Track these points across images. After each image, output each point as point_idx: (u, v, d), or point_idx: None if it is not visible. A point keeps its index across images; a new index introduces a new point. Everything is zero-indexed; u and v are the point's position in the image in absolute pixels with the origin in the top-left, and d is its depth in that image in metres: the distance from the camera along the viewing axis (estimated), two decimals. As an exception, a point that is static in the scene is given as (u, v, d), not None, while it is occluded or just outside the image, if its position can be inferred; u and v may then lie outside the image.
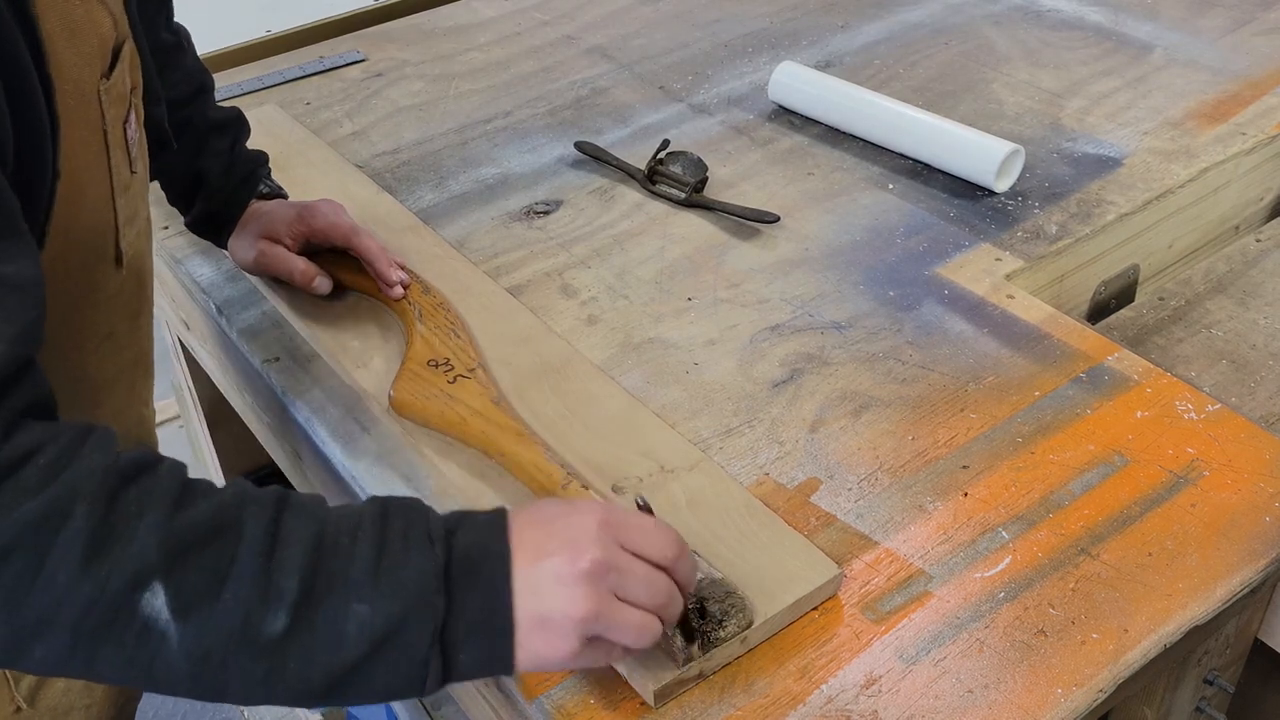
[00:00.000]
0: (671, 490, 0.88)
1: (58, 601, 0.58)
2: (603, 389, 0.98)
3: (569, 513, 0.69)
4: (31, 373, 0.64)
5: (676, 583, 0.71)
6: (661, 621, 0.69)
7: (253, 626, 0.60)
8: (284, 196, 1.13)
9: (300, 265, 1.07)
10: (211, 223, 1.10)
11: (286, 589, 0.61)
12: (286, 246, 1.07)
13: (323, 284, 1.07)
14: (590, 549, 0.66)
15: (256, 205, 1.10)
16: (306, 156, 1.32)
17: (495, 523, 0.67)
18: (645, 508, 0.75)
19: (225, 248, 1.12)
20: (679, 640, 0.75)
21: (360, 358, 1.03)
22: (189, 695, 0.63)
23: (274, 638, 0.60)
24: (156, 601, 0.59)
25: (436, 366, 0.98)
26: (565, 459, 0.89)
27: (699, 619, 0.76)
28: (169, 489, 0.62)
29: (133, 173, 0.84)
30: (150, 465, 0.63)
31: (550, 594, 0.65)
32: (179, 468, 0.65)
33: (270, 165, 1.14)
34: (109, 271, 0.84)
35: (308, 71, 1.53)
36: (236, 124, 1.11)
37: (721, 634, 0.76)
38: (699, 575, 0.79)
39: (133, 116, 0.83)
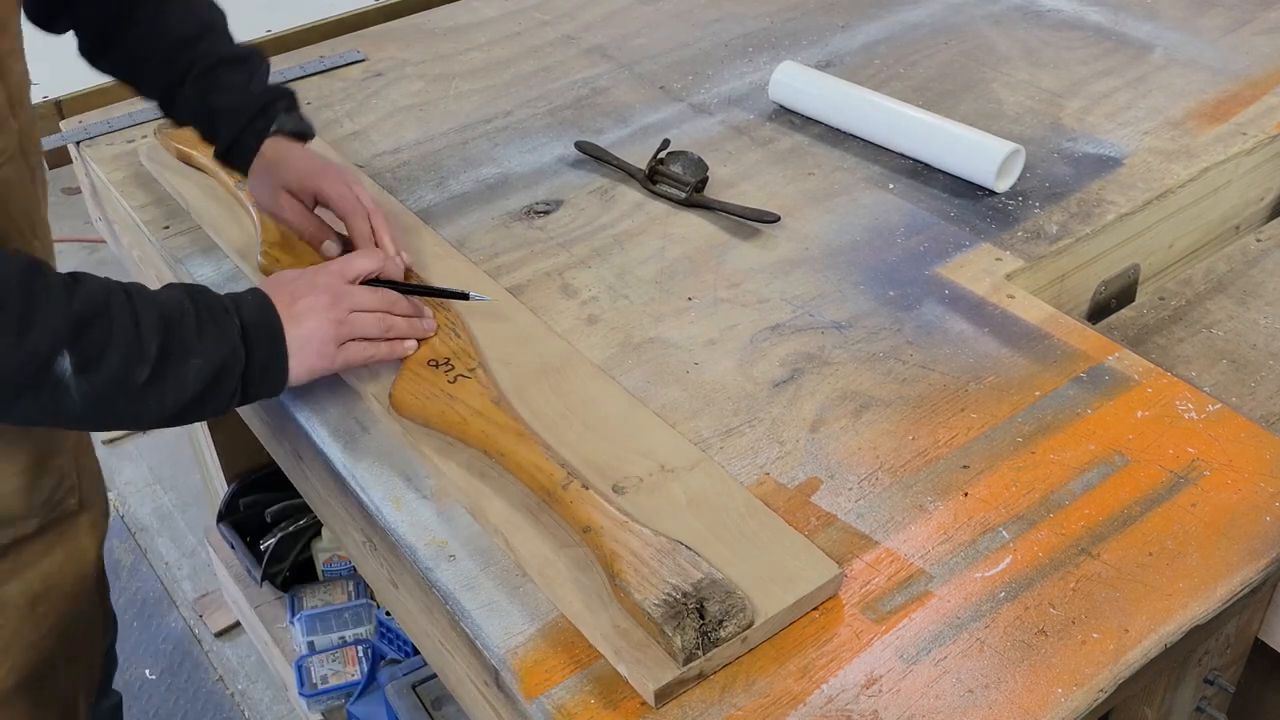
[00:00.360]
0: (672, 490, 0.88)
1: None
2: (603, 389, 0.98)
3: (305, 273, 0.97)
4: None
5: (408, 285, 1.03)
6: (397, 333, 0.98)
7: (128, 378, 0.84)
8: (308, 134, 1.13)
9: (312, 228, 1.10)
10: (230, 156, 1.12)
11: (149, 351, 0.84)
12: (304, 202, 1.09)
13: (330, 248, 1.09)
14: (325, 284, 0.96)
15: (281, 146, 1.10)
16: (306, 156, 1.31)
17: (260, 294, 0.94)
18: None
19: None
20: (679, 640, 0.75)
21: (360, 357, 1.03)
22: (77, 429, 1.02)
23: (141, 384, 0.84)
24: (64, 363, 0.81)
25: (437, 366, 0.98)
26: (565, 459, 0.89)
27: (699, 619, 0.76)
28: (59, 279, 0.83)
29: None
30: (37, 264, 0.82)
31: (306, 323, 0.93)
32: (46, 262, 0.86)
33: (294, 101, 1.14)
34: None
35: (308, 71, 1.53)
36: (252, 60, 1.11)
37: (721, 634, 0.76)
38: (699, 575, 0.79)
39: None
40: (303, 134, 1.12)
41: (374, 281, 1.01)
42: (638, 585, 0.78)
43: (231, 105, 1.09)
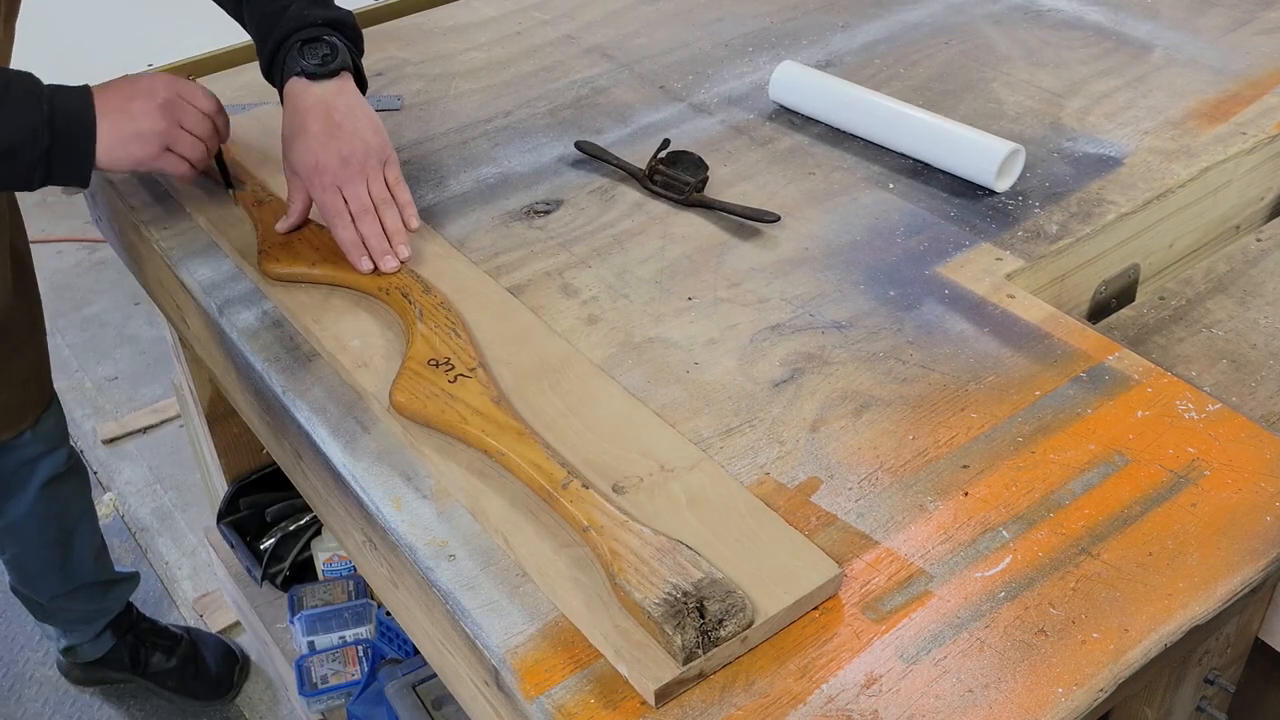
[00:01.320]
0: (672, 490, 0.88)
1: None
2: (603, 388, 0.98)
3: (142, 78, 1.09)
4: None
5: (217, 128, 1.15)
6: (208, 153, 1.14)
7: None
8: (331, 72, 1.13)
9: (294, 218, 1.16)
10: (272, 81, 1.18)
11: None
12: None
13: (281, 224, 1.16)
14: (165, 91, 1.09)
15: (294, 100, 1.13)
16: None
17: (85, 89, 1.06)
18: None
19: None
20: (679, 639, 0.75)
21: (360, 357, 1.03)
22: None
23: None
24: None
25: (437, 366, 0.98)
26: (565, 458, 0.89)
27: (699, 618, 0.76)
28: None
29: None
30: None
31: (137, 118, 1.06)
32: None
33: (344, 31, 1.15)
34: None
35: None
36: None
37: (721, 633, 0.76)
38: (699, 575, 0.79)
39: None
40: (314, 74, 1.13)
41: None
42: (638, 584, 0.78)
43: (263, 30, 1.14)
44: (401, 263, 1.11)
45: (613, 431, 0.94)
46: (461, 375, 0.97)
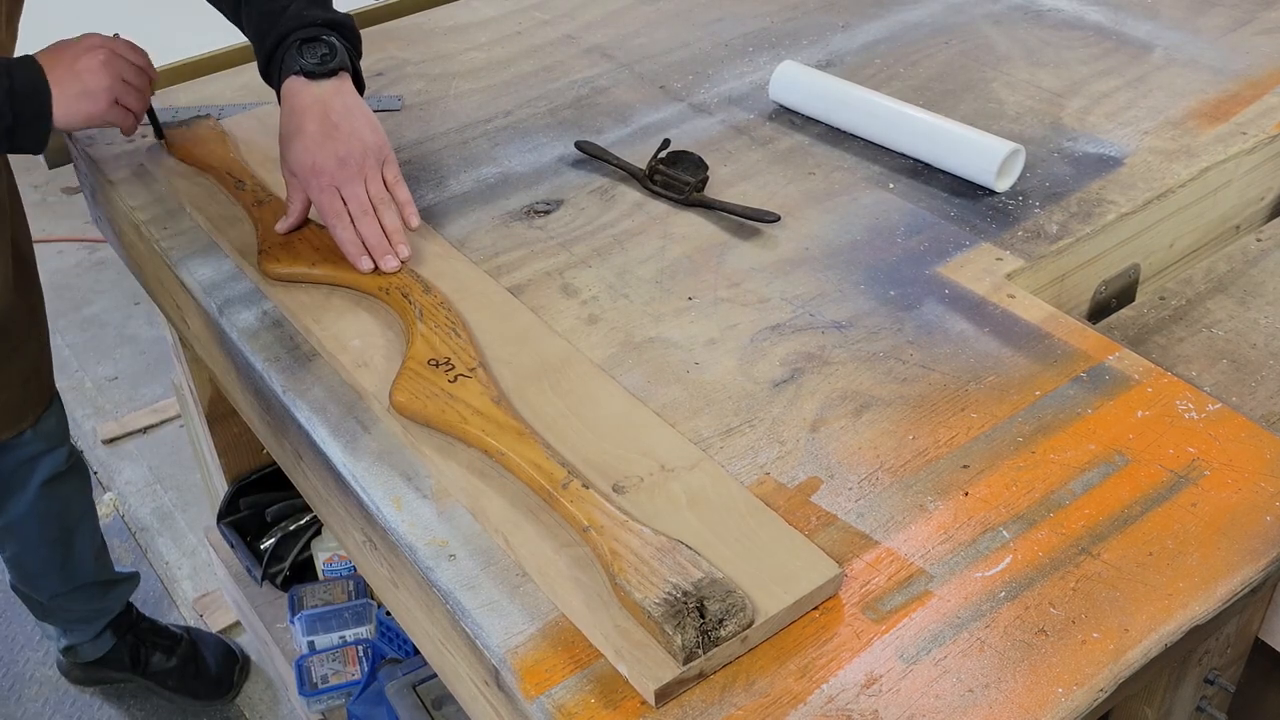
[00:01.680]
0: (672, 489, 0.88)
1: None
2: (603, 388, 0.98)
3: (78, 40, 1.16)
4: None
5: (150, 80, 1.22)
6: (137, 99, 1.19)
7: None
8: (330, 71, 1.13)
9: (293, 219, 1.16)
10: (270, 82, 1.19)
11: None
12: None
13: (280, 224, 1.17)
14: (101, 48, 1.15)
15: (292, 100, 1.13)
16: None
17: (32, 61, 1.13)
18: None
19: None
20: (679, 639, 0.75)
21: (360, 357, 1.03)
22: None
23: None
24: None
25: (437, 366, 0.98)
26: (566, 458, 0.89)
27: (699, 618, 0.76)
28: None
29: None
30: None
31: (83, 77, 1.13)
32: None
33: (343, 32, 1.16)
34: None
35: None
36: None
37: (721, 633, 0.76)
38: (699, 574, 0.79)
39: None
40: (313, 73, 1.13)
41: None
42: (638, 584, 0.78)
43: (262, 30, 1.15)
44: (402, 262, 1.11)
45: (613, 431, 0.94)
46: (461, 375, 0.97)
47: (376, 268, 1.10)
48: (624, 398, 0.98)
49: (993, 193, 1.24)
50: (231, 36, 1.61)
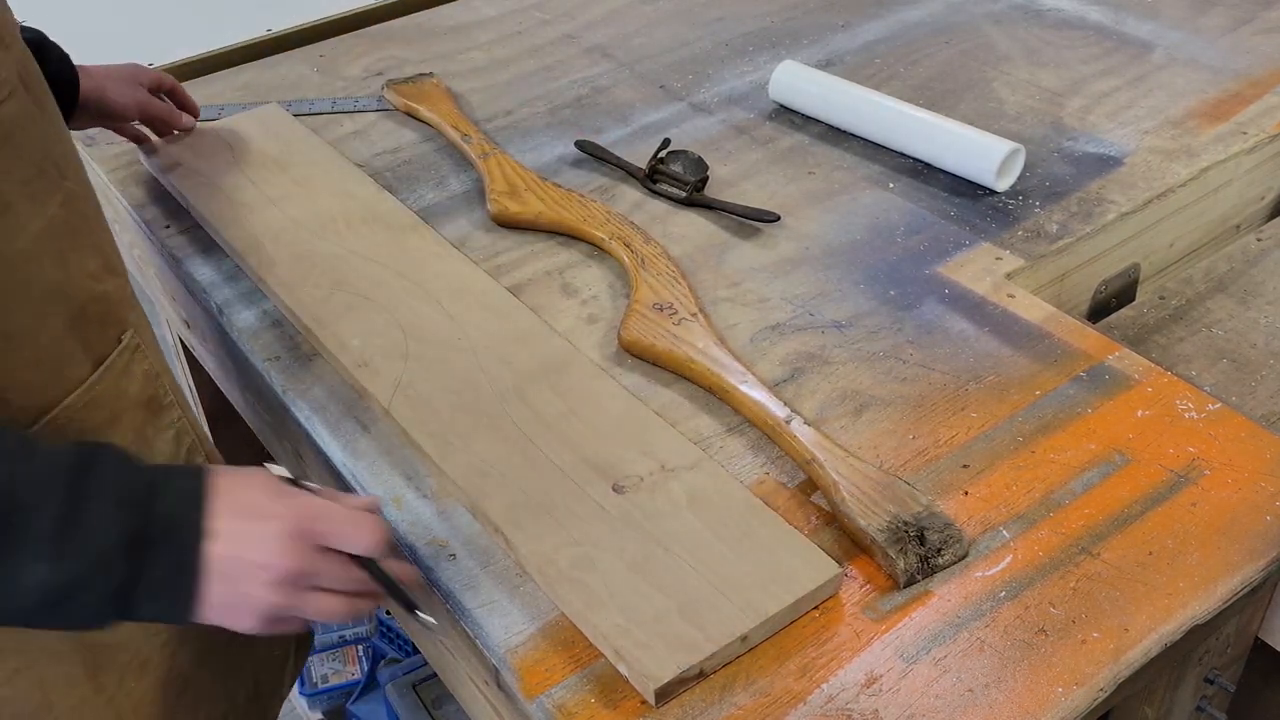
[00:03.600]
0: (672, 489, 0.88)
1: None
2: (603, 388, 0.98)
3: (268, 515, 0.72)
4: None
5: (385, 571, 0.77)
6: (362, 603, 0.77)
7: None
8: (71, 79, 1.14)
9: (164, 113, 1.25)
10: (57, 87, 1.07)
11: None
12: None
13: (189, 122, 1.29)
14: (284, 559, 0.71)
15: (95, 69, 1.17)
16: (308, 156, 1.31)
17: (196, 493, 0.71)
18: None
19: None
20: (902, 563, 0.79)
21: (360, 357, 1.03)
22: None
23: None
24: None
25: (661, 310, 1.04)
26: (788, 408, 0.94)
27: (920, 545, 0.81)
28: None
29: None
30: None
31: (242, 583, 0.70)
32: None
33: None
34: None
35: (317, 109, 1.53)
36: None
37: (940, 561, 0.81)
38: (919, 507, 0.84)
39: None
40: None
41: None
42: (861, 512, 0.84)
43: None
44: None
45: (613, 431, 0.94)
46: (685, 319, 1.03)
47: None
48: (624, 398, 0.98)
49: (993, 192, 1.24)
50: (231, 37, 1.61)
